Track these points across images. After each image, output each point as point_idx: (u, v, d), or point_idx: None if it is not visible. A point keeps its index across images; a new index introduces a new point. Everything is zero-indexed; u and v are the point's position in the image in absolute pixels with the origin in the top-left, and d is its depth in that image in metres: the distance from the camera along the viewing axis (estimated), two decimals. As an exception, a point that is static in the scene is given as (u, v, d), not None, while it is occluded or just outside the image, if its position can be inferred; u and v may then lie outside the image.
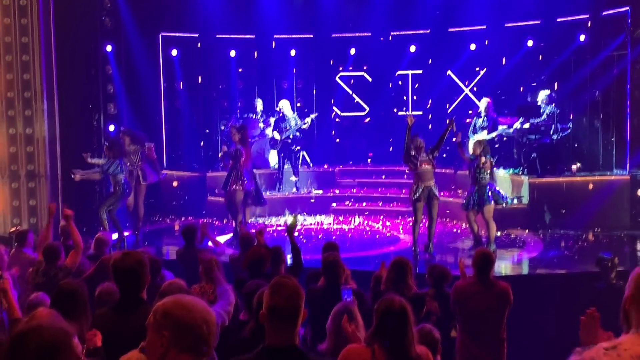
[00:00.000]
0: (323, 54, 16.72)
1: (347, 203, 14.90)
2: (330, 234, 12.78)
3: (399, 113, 16.42)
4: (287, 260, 7.36)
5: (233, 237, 12.15)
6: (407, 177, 15.29)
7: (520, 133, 13.44)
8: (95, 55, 14.05)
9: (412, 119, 10.89)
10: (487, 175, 10.85)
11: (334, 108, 16.94)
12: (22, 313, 5.08)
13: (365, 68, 16.74)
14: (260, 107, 15.70)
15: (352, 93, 16.84)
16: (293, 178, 15.17)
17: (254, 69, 16.64)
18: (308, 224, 13.78)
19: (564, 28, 14.15)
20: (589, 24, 13.86)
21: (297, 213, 12.76)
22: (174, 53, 15.67)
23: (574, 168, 13.42)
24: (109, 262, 4.36)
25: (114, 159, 11.91)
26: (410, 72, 16.41)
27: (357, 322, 4.77)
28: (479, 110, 13.84)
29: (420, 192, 10.79)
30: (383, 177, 15.60)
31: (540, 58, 14.71)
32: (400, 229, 13.22)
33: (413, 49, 16.02)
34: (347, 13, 16.30)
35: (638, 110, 13.35)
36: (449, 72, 15.96)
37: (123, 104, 14.46)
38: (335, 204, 14.86)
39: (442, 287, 6.63)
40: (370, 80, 16.72)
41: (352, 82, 16.89)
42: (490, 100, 13.63)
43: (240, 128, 12.52)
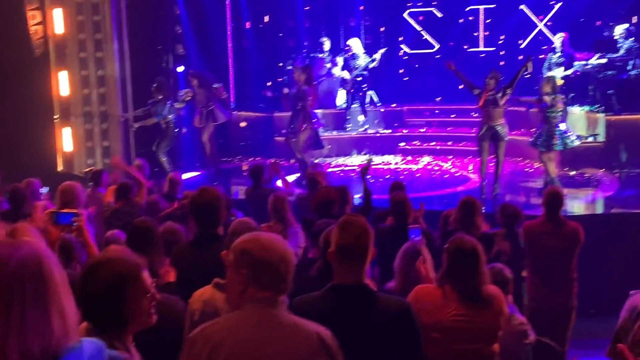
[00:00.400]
0: (391, -10, 16.36)
1: (415, 142, 14.73)
2: (398, 174, 12.70)
3: (470, 50, 16.01)
4: (353, 201, 7.34)
5: (301, 176, 12.19)
6: (477, 115, 15.00)
7: (597, 69, 12.93)
8: (163, -4, 14.11)
9: (451, 66, 10.62)
10: (558, 114, 10.49)
11: (402, 46, 16.60)
12: (98, 250, 5.22)
13: (435, 3, 16.27)
14: (328, 46, 15.53)
15: (421, 30, 16.45)
16: (361, 118, 15.04)
17: (321, 7, 16.40)
18: (375, 164, 13.71)
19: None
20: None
21: (370, 156, 12.69)
22: (241, -8, 15.59)
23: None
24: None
25: (163, 101, 12.08)
26: (482, 6, 15.86)
27: (426, 261, 4.74)
28: (553, 46, 13.35)
29: (484, 130, 10.58)
30: (452, 115, 15.33)
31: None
32: (470, 169, 13.03)
33: (484, -18, 15.51)
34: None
35: None
36: (522, 6, 15.38)
37: (191, 45, 14.52)
38: (404, 144, 14.71)
39: (513, 226, 6.51)
40: (440, 16, 16.26)
41: (421, 18, 16.47)
42: (566, 36, 13.11)
43: (305, 68, 12.44)
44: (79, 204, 6.61)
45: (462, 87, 15.57)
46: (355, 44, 14.74)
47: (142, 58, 13.22)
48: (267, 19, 16.17)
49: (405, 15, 16.48)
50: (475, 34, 16.10)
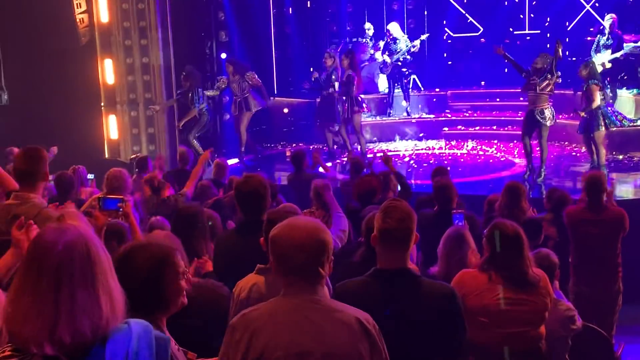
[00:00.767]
0: (434, -27, 16.16)
1: (459, 127, 14.58)
2: (442, 159, 12.59)
3: (515, 32, 15.75)
4: (397, 187, 7.31)
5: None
6: (523, 99, 14.77)
7: (647, 51, 12.62)
8: (206, -17, 14.17)
9: (500, 50, 10.45)
10: (597, 100, 10.23)
11: (446, 29, 16.39)
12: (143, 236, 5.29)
13: (480, -14, 16.06)
14: (371, 31, 15.43)
15: (465, 12, 16.22)
16: (404, 103, 14.93)
17: (363, -8, 16.32)
18: (419, 149, 13.63)
19: None
20: None
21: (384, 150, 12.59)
22: (283, -22, 15.58)
23: None
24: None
25: (191, 89, 12.13)
26: (528, -12, 15.62)
27: (469, 246, 4.70)
28: (602, 27, 13.04)
29: (527, 115, 10.48)
30: (497, 99, 15.11)
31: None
32: (515, 153, 12.85)
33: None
34: None
35: None
36: (570, -13, 15.08)
37: (234, 31, 14.56)
38: (447, 129, 14.57)
39: (560, 211, 6.41)
40: (485, -1, 16.04)
41: (465, 0, 16.25)
42: (616, 17, 12.79)
43: (348, 53, 12.40)
44: (126, 190, 6.71)
45: (507, 70, 15.42)
46: (395, 28, 14.62)
47: (185, 45, 13.31)
48: (309, 4, 16.13)
49: (449, -2, 16.28)
50: (521, 17, 15.82)
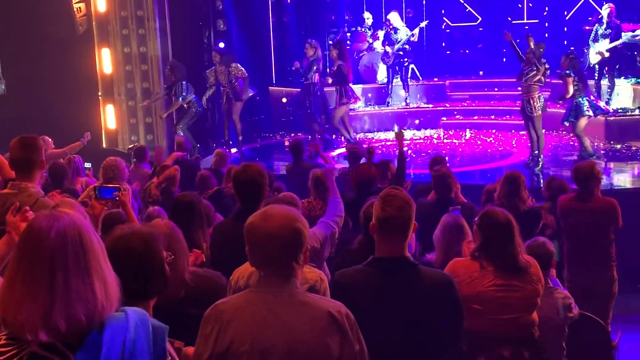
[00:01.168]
0: (434, -39, 16.11)
1: (457, 117, 14.57)
2: (440, 149, 12.59)
3: (514, 22, 15.73)
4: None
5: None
6: (520, 89, 14.76)
7: (645, 40, 12.60)
8: (204, -28, 14.11)
9: (508, 35, 10.54)
10: (570, 91, 10.25)
11: (445, 19, 16.37)
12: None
13: (478, -25, 16.04)
14: (370, 20, 15.40)
15: (463, 2, 16.19)
16: (403, 92, 14.91)
17: (362, -19, 16.27)
18: (417, 139, 13.63)
19: None
20: None
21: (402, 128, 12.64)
22: (282, -34, 15.52)
23: None
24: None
25: (177, 81, 12.04)
26: (526, -23, 15.59)
27: (467, 236, 4.71)
28: (600, 17, 13.02)
29: (521, 105, 10.69)
30: (495, 89, 15.09)
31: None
32: (513, 143, 12.85)
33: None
34: None
35: None
36: (568, -24, 15.06)
37: (232, 21, 14.52)
38: (446, 118, 14.57)
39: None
40: (484, -12, 16.02)
41: (463, -10, 16.25)
42: (613, 7, 12.76)
43: (337, 44, 12.41)
44: (122, 180, 6.73)
45: (505, 60, 15.41)
46: (395, 18, 14.58)
47: (183, 34, 13.28)
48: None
49: (448, -13, 16.26)
50: (520, 6, 15.80)
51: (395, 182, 6.68)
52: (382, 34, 14.93)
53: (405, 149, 12.53)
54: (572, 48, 14.34)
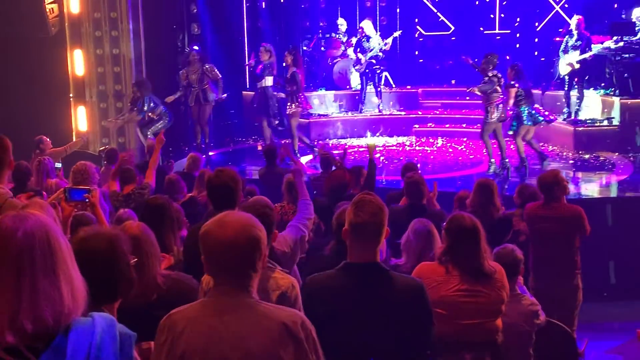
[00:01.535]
0: (408, -29, 16.22)
1: (429, 124, 14.68)
2: (412, 156, 12.67)
3: (485, 32, 15.90)
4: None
5: (313, 158, 12.26)
6: (482, 99, 14.90)
7: (613, 52, 12.80)
8: (178, -25, 14.06)
9: (468, 60, 11.34)
10: (511, 101, 10.77)
11: (418, 27, 16.50)
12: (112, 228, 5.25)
13: (452, -15, 16.18)
14: (344, 27, 15.46)
15: (436, 11, 16.33)
16: (375, 99, 14.99)
17: (337, -13, 16.33)
18: (390, 146, 13.69)
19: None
20: None
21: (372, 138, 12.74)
22: (257, -29, 15.52)
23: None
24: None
25: (143, 97, 11.94)
26: (498, -12, 15.77)
27: (437, 242, 4.76)
28: (570, 29, 13.21)
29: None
30: (467, 98, 15.20)
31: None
32: (484, 151, 12.95)
33: (502, -36, 15.36)
34: None
35: None
36: (539, -13, 15.26)
37: (206, 24, 14.49)
38: (418, 126, 14.66)
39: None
40: (456, -2, 16.17)
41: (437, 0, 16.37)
42: (582, 18, 12.94)
43: (292, 50, 12.42)
44: (92, 183, 6.69)
45: (477, 69, 15.54)
46: (368, 26, 14.65)
47: (157, 37, 13.21)
48: (282, -1, 16.14)
49: (421, -4, 16.38)
50: (492, 16, 15.97)
51: (366, 188, 6.72)
52: (355, 41, 15.00)
53: (378, 156, 12.68)
54: (542, 59, 14.59)
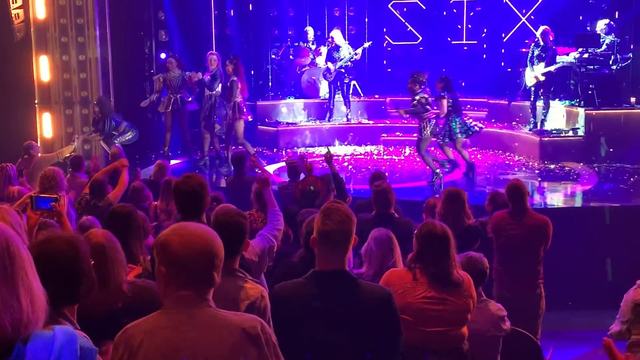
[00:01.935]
0: (376, -19, 16.33)
1: (397, 134, 14.75)
2: (380, 165, 12.71)
3: (453, 42, 16.06)
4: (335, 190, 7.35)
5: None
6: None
7: (578, 63, 13.01)
8: (146, -18, 13.99)
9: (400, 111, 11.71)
10: (444, 110, 11.08)
11: (386, 37, 16.60)
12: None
13: (419, -5, 16.32)
14: (312, 36, 15.49)
15: (405, 21, 16.46)
16: (344, 108, 15.02)
17: (306, -4, 16.37)
18: (358, 155, 13.73)
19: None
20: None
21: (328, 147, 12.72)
22: (225, -21, 15.48)
23: (633, 100, 12.99)
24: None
25: (104, 117, 11.83)
26: (466, -1, 15.95)
27: (397, 250, 4.79)
28: (536, 39, 13.39)
29: None
30: (435, 108, 15.31)
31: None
32: (428, 167, 13.06)
33: (469, -25, 15.53)
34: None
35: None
36: (506, -1, 15.45)
37: (174, 31, 14.42)
38: (386, 135, 14.73)
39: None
40: (424, 8, 16.27)
41: (405, 10, 16.47)
42: (548, 29, 13.12)
43: (233, 59, 12.40)
44: (60, 190, 6.61)
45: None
46: (337, 35, 14.69)
47: (124, 44, 13.11)
48: (251, 7, 16.11)
49: (390, 7, 16.48)
50: (459, 27, 16.13)
51: (339, 198, 6.72)
52: (324, 50, 15.03)
53: (346, 164, 12.72)
54: (509, 69, 14.75)
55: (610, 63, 12.87)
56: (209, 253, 2.47)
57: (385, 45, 16.62)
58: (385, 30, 16.56)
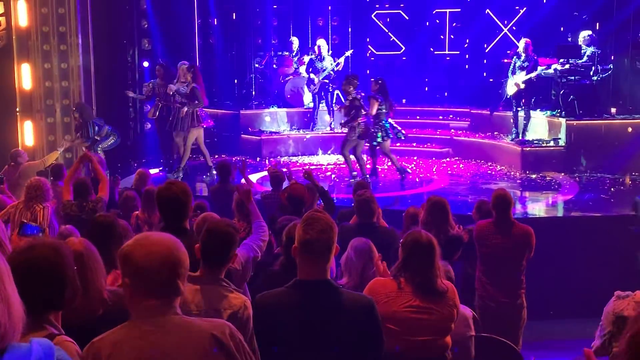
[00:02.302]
0: (359, -9, 16.40)
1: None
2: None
3: (436, 52, 16.14)
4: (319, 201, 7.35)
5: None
6: (442, 117, 15.12)
7: (559, 74, 13.11)
8: (130, -10, 13.97)
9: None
10: (373, 111, 11.48)
11: (370, 47, 16.66)
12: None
13: (402, 6, 16.36)
14: (297, 46, 15.51)
15: (388, 31, 16.53)
16: (327, 118, 15.05)
17: (289, 6, 16.38)
18: (341, 163, 13.73)
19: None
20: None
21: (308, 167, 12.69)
22: (209, -12, 15.49)
23: (613, 111, 13.11)
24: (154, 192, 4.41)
25: (86, 122, 11.79)
26: (448, 10, 16.01)
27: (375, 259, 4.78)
28: (518, 50, 13.49)
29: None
30: (417, 117, 15.40)
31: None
32: (434, 170, 13.12)
33: (451, -14, 15.63)
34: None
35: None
36: (488, 10, 15.53)
37: (157, 40, 14.40)
38: (368, 144, 14.71)
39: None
40: (407, 19, 16.36)
41: (388, 20, 16.54)
42: (529, 41, 13.24)
43: (190, 67, 12.35)
44: (46, 199, 6.61)
45: (427, 89, 15.83)
46: (323, 45, 14.73)
47: (106, 52, 13.08)
48: (234, 16, 16.11)
49: (373, 17, 16.55)
50: (442, 37, 16.22)
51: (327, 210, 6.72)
52: (307, 59, 15.05)
53: (329, 173, 12.73)
54: (491, 80, 14.83)
55: (591, 74, 12.99)
56: (172, 262, 2.46)
57: (369, 55, 16.67)
58: (369, 40, 16.61)
